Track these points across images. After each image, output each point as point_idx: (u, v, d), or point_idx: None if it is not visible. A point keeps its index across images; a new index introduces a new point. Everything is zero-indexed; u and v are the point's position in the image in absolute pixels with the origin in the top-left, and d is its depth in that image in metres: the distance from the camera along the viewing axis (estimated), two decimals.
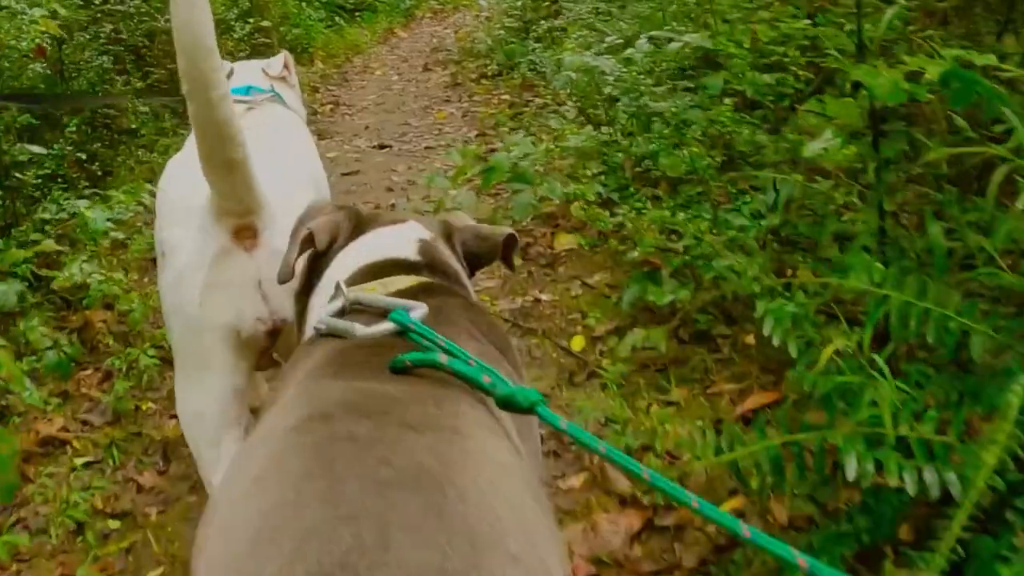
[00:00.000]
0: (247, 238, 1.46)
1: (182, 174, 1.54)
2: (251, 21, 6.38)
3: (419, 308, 1.03)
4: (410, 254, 1.22)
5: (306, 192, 1.64)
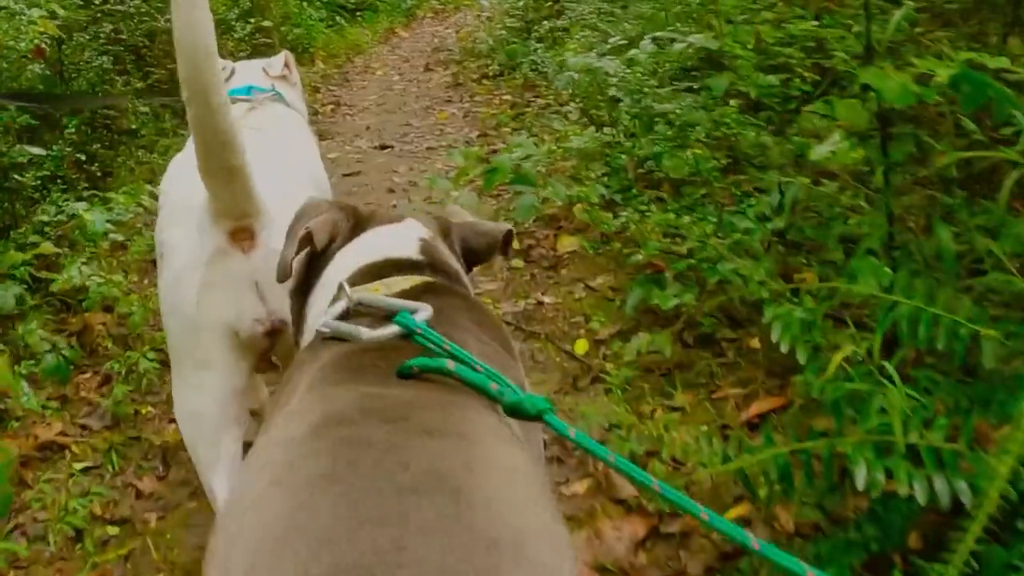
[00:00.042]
0: (244, 239, 1.46)
1: (184, 174, 1.54)
2: (252, 21, 6.37)
3: (424, 310, 1.02)
4: (411, 253, 1.21)
5: (306, 191, 1.62)
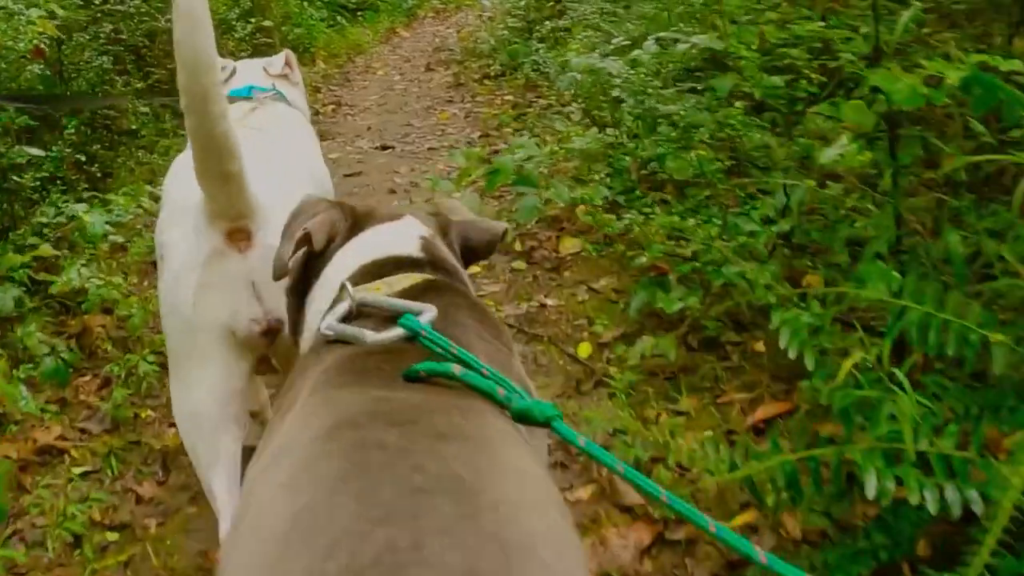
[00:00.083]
0: (241, 240, 1.46)
1: (185, 174, 1.53)
2: (253, 21, 6.36)
3: (428, 311, 1.01)
4: (412, 251, 1.20)
5: (307, 190, 1.63)
